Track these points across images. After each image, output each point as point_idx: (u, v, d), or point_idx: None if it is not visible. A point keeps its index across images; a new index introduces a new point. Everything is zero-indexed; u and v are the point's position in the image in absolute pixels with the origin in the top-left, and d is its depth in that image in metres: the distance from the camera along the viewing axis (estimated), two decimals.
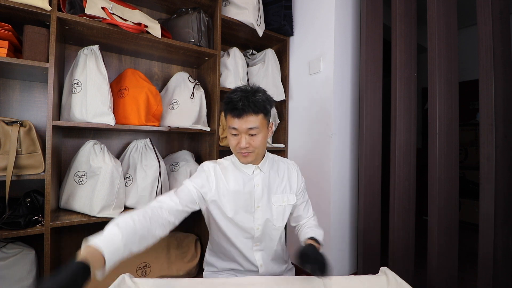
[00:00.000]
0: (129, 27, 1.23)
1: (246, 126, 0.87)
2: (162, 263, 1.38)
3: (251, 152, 0.90)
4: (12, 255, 1.12)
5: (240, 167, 0.98)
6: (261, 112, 0.88)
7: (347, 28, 1.61)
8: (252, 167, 0.97)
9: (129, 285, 0.72)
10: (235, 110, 0.86)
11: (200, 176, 0.94)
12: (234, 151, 0.93)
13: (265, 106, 0.89)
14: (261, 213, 0.97)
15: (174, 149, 1.75)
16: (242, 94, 0.88)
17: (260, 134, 0.90)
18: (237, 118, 0.87)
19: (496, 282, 1.00)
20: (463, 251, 1.22)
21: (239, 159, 0.94)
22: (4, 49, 1.05)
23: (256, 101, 0.87)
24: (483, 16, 1.04)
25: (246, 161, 0.92)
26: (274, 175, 1.01)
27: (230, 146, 0.93)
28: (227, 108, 0.89)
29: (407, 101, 1.37)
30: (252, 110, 0.86)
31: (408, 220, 1.35)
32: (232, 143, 0.91)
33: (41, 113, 1.35)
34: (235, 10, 1.64)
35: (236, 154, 0.93)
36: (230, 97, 0.89)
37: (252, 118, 0.87)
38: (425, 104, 3.23)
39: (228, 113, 0.89)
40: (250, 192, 0.96)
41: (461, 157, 2.95)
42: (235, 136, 0.90)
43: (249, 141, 0.88)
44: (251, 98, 0.87)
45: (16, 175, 1.07)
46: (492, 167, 1.01)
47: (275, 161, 1.05)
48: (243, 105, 0.85)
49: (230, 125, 0.89)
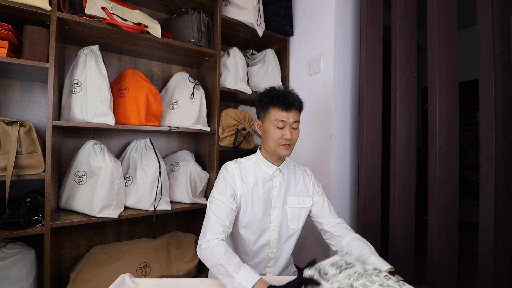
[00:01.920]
0: (129, 27, 1.23)
1: (293, 119, 0.94)
2: (162, 263, 1.38)
3: (291, 145, 0.96)
4: (12, 255, 1.12)
5: (262, 166, 1.01)
6: (301, 109, 0.99)
7: (347, 28, 1.61)
8: (273, 167, 1.00)
9: (129, 285, 0.72)
10: (286, 104, 0.93)
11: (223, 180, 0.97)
12: (276, 143, 0.95)
13: (303, 104, 1.00)
14: (277, 214, 1.00)
15: (174, 149, 1.75)
16: (286, 92, 0.96)
17: (298, 129, 0.99)
18: (286, 112, 0.93)
19: (496, 282, 1.00)
20: (463, 251, 1.22)
21: (280, 152, 0.95)
22: (4, 49, 1.05)
23: (299, 98, 0.98)
24: (483, 16, 1.04)
25: (286, 154, 0.96)
26: (291, 178, 1.05)
27: (271, 140, 0.95)
28: (276, 102, 0.94)
29: (407, 101, 1.37)
30: (298, 106, 0.96)
31: (408, 220, 1.35)
32: (276, 136, 0.94)
33: (41, 113, 1.35)
34: (235, 10, 1.64)
35: (277, 148, 0.95)
36: (275, 92, 0.96)
37: (296, 113, 0.96)
38: (425, 104, 3.23)
39: (276, 107, 0.94)
40: (268, 191, 0.99)
41: (461, 157, 2.95)
42: (280, 129, 0.94)
43: (292, 133, 0.95)
44: (295, 95, 0.97)
45: (16, 175, 1.07)
46: (492, 167, 1.01)
47: (292, 165, 1.09)
48: (292, 100, 0.94)
49: (278, 117, 0.93)
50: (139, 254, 1.36)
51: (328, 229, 1.01)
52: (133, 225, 1.60)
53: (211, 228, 0.86)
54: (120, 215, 1.27)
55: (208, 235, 0.85)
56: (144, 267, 1.34)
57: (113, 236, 1.55)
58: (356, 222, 1.64)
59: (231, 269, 0.73)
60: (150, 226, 1.66)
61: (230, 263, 0.75)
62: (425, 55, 1.25)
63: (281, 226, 1.00)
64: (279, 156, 0.98)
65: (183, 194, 1.49)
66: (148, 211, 1.34)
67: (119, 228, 1.56)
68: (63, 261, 1.40)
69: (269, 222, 0.99)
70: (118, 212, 1.27)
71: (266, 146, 0.99)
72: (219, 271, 0.76)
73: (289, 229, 1.02)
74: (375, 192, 1.50)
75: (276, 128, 0.94)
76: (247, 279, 0.70)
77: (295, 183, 1.05)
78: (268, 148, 0.98)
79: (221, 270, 0.75)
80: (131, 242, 1.47)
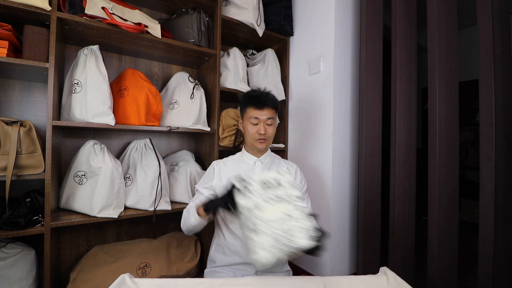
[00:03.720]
0: (129, 27, 1.23)
1: (266, 116, 1.07)
2: (162, 263, 1.38)
3: (267, 139, 1.09)
4: (12, 255, 1.12)
5: (243, 159, 1.15)
6: (275, 108, 1.11)
7: (347, 28, 1.61)
8: (254, 158, 1.14)
9: (129, 285, 0.72)
10: (259, 103, 1.07)
11: (206, 174, 1.14)
12: (252, 138, 1.09)
13: (277, 103, 1.13)
14: None
15: (174, 149, 1.75)
16: (261, 93, 1.09)
17: (273, 125, 1.11)
18: (259, 110, 1.07)
19: (496, 282, 1.00)
20: (463, 251, 1.22)
21: (257, 146, 1.10)
22: (4, 49, 1.05)
23: (273, 97, 1.11)
24: (483, 16, 1.04)
25: (262, 147, 1.10)
26: (273, 168, 1.13)
27: (248, 135, 1.10)
28: (250, 102, 1.08)
29: (407, 101, 1.37)
30: (271, 104, 1.08)
31: (408, 220, 1.35)
32: (252, 132, 1.08)
33: (41, 113, 1.34)
34: (235, 10, 1.64)
35: (254, 142, 1.10)
36: (251, 94, 1.10)
37: (270, 111, 1.08)
38: (425, 104, 3.23)
39: (251, 106, 1.08)
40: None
41: (461, 157, 2.95)
42: (255, 125, 1.08)
43: (267, 129, 1.08)
44: (269, 95, 1.10)
45: (16, 175, 1.07)
46: (492, 167, 1.01)
47: (276, 158, 1.20)
48: (264, 99, 1.07)
49: (252, 115, 1.08)
50: (139, 254, 1.36)
51: None
52: (133, 225, 1.60)
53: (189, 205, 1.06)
54: (120, 215, 1.27)
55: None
56: (144, 267, 1.34)
57: (113, 236, 1.55)
58: (356, 222, 1.64)
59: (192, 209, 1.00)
60: (150, 226, 1.66)
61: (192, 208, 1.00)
62: (425, 55, 1.25)
63: None
64: (257, 149, 1.12)
65: (183, 194, 1.49)
66: (148, 211, 1.34)
67: (119, 228, 1.57)
68: (63, 261, 1.40)
69: None
70: (118, 212, 1.27)
71: (247, 141, 1.13)
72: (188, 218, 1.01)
73: None
74: (375, 192, 1.50)
75: (252, 125, 1.08)
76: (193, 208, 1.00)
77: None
78: (248, 143, 1.13)
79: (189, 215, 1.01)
80: (131, 242, 1.47)
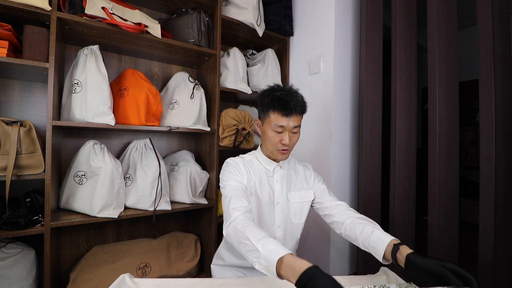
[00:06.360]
0: (129, 27, 1.23)
1: (293, 125, 0.91)
2: (162, 263, 1.38)
3: (289, 149, 0.95)
4: (12, 255, 1.12)
5: (262, 163, 1.01)
6: (303, 112, 0.94)
7: (347, 28, 1.61)
8: (273, 164, 1.01)
9: (129, 285, 0.72)
10: (286, 109, 0.89)
11: (230, 170, 0.95)
12: (274, 148, 0.94)
13: (306, 106, 0.95)
14: (281, 210, 1.00)
15: (174, 149, 1.75)
16: (289, 94, 0.91)
17: (299, 133, 0.96)
18: (286, 117, 0.89)
19: (496, 282, 1.00)
20: (463, 251, 1.21)
21: (277, 156, 0.96)
22: (4, 49, 1.05)
23: (302, 100, 0.93)
24: (483, 16, 1.04)
25: (283, 158, 0.96)
26: (292, 174, 1.05)
27: (269, 143, 0.95)
28: (275, 105, 0.90)
29: (407, 101, 1.37)
30: (299, 110, 0.91)
31: (408, 220, 1.35)
32: (274, 140, 0.93)
33: (41, 113, 1.34)
34: (235, 10, 1.64)
35: (275, 152, 0.95)
36: (276, 94, 0.91)
37: (297, 117, 0.92)
38: (425, 104, 3.23)
39: (276, 111, 0.90)
40: (270, 186, 1.00)
41: (461, 157, 2.95)
42: (278, 133, 0.92)
43: (291, 138, 0.93)
44: (298, 97, 0.92)
45: (16, 175, 1.07)
46: (492, 167, 1.01)
47: (293, 161, 1.10)
48: (294, 104, 0.89)
49: (277, 123, 0.90)
50: (139, 254, 1.36)
51: (329, 212, 0.98)
52: (133, 225, 1.60)
53: (233, 207, 0.82)
54: (120, 215, 1.27)
55: (232, 214, 0.80)
56: (144, 267, 1.34)
57: (113, 236, 1.55)
58: None
59: (255, 239, 0.66)
60: (150, 226, 1.66)
61: (256, 233, 0.68)
62: (425, 55, 1.25)
63: (285, 223, 1.01)
64: (277, 159, 0.99)
65: (183, 194, 1.49)
66: (148, 211, 1.34)
67: (119, 228, 1.56)
68: (63, 261, 1.40)
69: (273, 219, 1.00)
70: (118, 212, 1.27)
71: (266, 147, 0.99)
72: (245, 248, 0.69)
73: (293, 225, 1.03)
74: (375, 192, 1.50)
75: (275, 133, 0.92)
76: (274, 252, 0.61)
77: (296, 178, 1.06)
78: (266, 150, 1.00)
79: (247, 245, 0.68)
80: (131, 242, 1.47)
